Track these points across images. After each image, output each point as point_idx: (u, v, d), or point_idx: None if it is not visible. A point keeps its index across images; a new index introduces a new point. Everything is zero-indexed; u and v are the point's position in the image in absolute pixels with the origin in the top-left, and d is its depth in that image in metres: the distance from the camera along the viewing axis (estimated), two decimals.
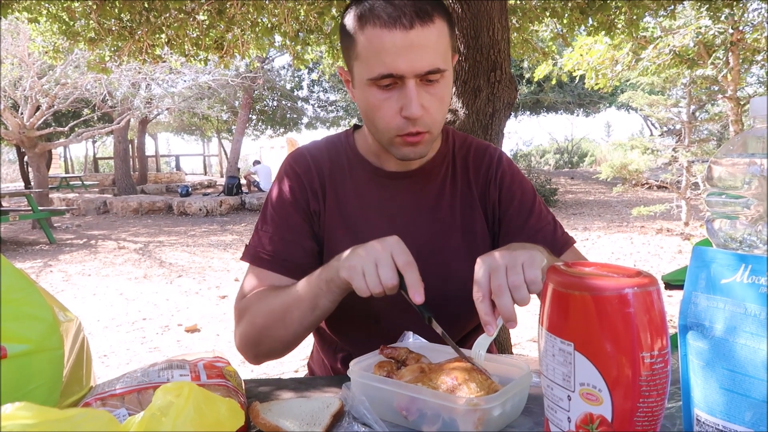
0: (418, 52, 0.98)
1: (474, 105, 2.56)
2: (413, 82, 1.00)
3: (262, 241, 1.19)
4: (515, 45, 5.03)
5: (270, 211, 1.22)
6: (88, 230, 11.73)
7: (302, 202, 1.21)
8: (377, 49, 0.99)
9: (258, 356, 1.16)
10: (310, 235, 1.20)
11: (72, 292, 6.33)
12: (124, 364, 4.09)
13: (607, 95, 17.67)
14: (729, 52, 8.00)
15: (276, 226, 1.19)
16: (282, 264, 1.16)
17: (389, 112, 1.04)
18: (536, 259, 0.88)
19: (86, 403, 0.82)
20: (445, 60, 1.03)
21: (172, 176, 23.68)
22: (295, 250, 1.17)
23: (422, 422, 0.82)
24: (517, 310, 0.88)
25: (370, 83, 1.03)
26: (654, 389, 0.54)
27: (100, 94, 14.16)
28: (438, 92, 1.04)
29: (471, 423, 0.77)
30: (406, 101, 1.01)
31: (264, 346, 1.13)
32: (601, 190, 16.34)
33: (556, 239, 1.21)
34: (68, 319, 0.89)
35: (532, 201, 1.24)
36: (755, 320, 0.55)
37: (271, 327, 1.09)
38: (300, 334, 1.10)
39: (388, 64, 0.99)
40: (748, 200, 0.62)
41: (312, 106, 22.85)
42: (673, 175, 10.00)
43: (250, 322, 1.12)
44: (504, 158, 1.27)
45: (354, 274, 0.93)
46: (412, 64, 0.99)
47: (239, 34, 4.56)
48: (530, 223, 1.21)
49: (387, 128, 1.06)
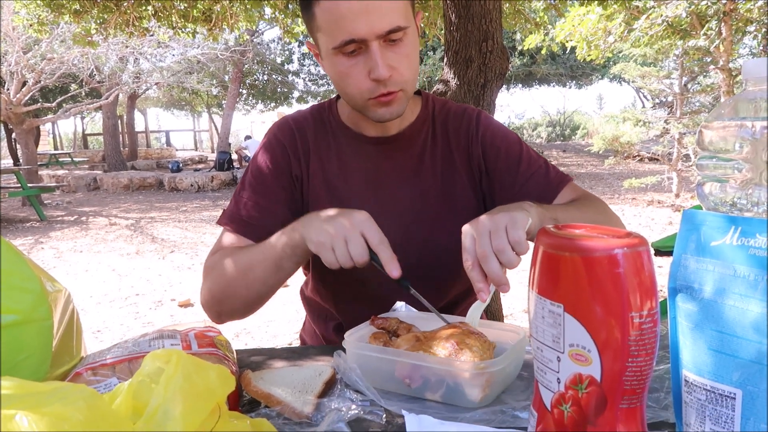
0: (376, 13, 0.98)
1: (466, 75, 2.54)
2: (376, 44, 1.00)
3: (238, 206, 1.20)
4: (507, 16, 4.99)
5: (249, 178, 1.22)
6: (79, 207, 11.67)
7: (284, 168, 1.21)
8: (335, 17, 1.00)
9: (221, 314, 1.16)
10: (288, 203, 1.21)
11: (64, 269, 6.32)
12: (117, 339, 4.10)
13: (599, 67, 17.58)
14: (722, 22, 7.95)
15: (253, 191, 1.20)
16: (253, 230, 1.16)
17: (358, 77, 1.04)
18: (518, 219, 0.89)
19: (77, 373, 0.82)
20: (406, 17, 1.03)
21: (162, 152, 23.51)
22: (269, 216, 1.18)
23: (426, 389, 0.83)
24: (509, 278, 0.88)
25: (335, 52, 1.03)
26: (643, 349, 0.54)
27: (87, 69, 13.93)
28: (403, 50, 1.04)
29: (478, 386, 0.78)
30: (372, 64, 1.01)
31: (226, 304, 1.13)
32: (593, 163, 16.36)
33: (550, 180, 1.21)
34: (56, 290, 0.88)
35: (518, 149, 1.23)
36: (744, 282, 0.55)
37: (234, 285, 1.10)
38: (263, 294, 1.11)
39: (349, 30, 0.99)
40: (738, 163, 0.62)
41: (303, 80, 22.64)
42: (665, 147, 10.03)
43: (214, 280, 1.13)
44: (483, 115, 1.27)
45: (322, 249, 0.94)
46: (372, 26, 0.99)
47: (228, 6, 4.49)
48: (521, 170, 1.20)
49: (359, 93, 1.06)
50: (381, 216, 1.16)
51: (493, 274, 0.86)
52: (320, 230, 0.95)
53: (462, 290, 1.28)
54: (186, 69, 17.32)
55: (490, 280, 0.87)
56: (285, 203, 1.20)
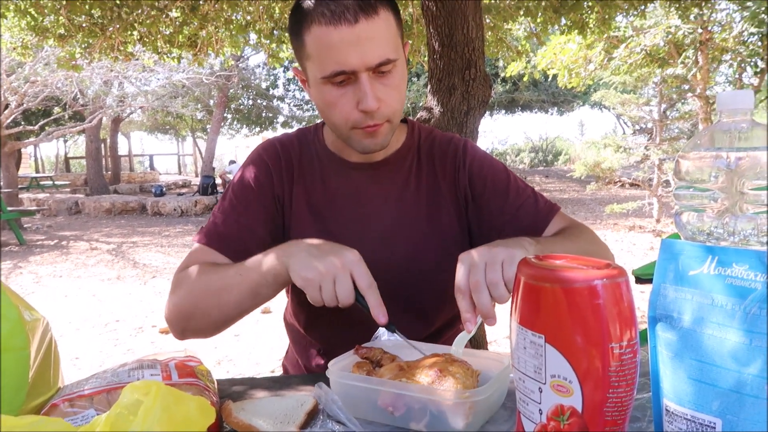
0: (367, 45, 0.98)
1: (449, 103, 2.57)
2: (366, 76, 1.00)
3: (216, 222, 1.18)
4: (490, 44, 5.07)
5: (230, 194, 1.21)
6: (60, 231, 11.53)
7: (267, 187, 1.20)
8: (326, 47, 0.99)
9: (185, 331, 1.11)
10: (267, 222, 1.19)
11: (43, 294, 6.21)
12: (96, 367, 4.03)
13: (580, 94, 17.86)
14: (698, 51, 8.15)
15: (232, 208, 1.18)
16: (229, 246, 1.14)
17: (346, 107, 1.04)
18: (516, 257, 0.88)
19: (53, 404, 0.80)
20: (396, 49, 1.03)
21: (146, 176, 23.36)
22: (246, 234, 1.16)
23: (409, 417, 0.82)
24: (496, 308, 0.88)
25: (324, 81, 1.03)
26: (623, 380, 0.54)
27: (71, 92, 13.90)
28: (392, 82, 1.04)
29: (461, 415, 0.77)
30: (361, 95, 1.01)
31: (194, 322, 1.08)
32: (576, 188, 16.53)
33: (539, 209, 1.20)
34: (34, 319, 0.87)
35: (506, 179, 1.23)
36: (722, 311, 0.56)
37: (206, 304, 1.06)
38: (233, 317, 1.07)
39: (339, 61, 0.99)
40: (714, 193, 0.63)
41: (288, 105, 22.74)
42: (645, 173, 10.16)
43: (184, 295, 1.08)
44: (469, 145, 1.27)
45: (309, 286, 0.93)
46: (363, 58, 0.98)
47: (213, 32, 4.51)
48: (510, 199, 1.20)
49: (345, 123, 1.06)
50: (363, 239, 1.16)
51: (482, 307, 0.86)
52: (308, 266, 0.93)
53: (447, 318, 1.27)
54: (171, 93, 17.33)
55: (478, 311, 0.87)
56: (264, 222, 1.19)
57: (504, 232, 1.16)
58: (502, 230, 1.17)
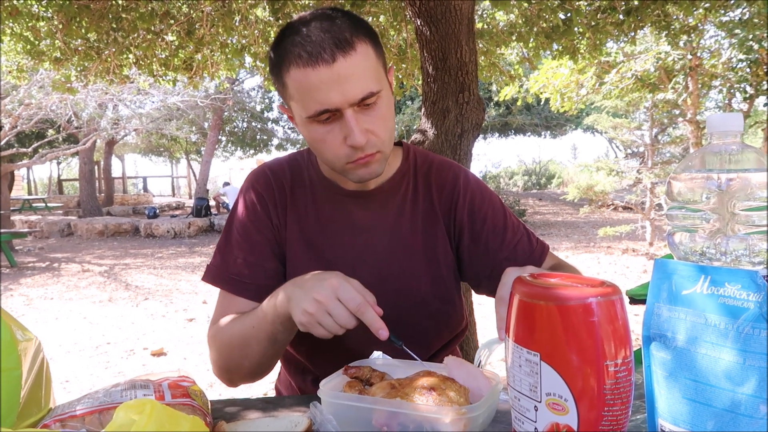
0: (347, 82, 0.96)
1: (443, 126, 2.59)
2: (350, 112, 0.99)
3: (227, 263, 1.19)
4: (483, 68, 5.12)
5: (235, 234, 1.21)
6: (51, 253, 11.45)
7: (265, 219, 1.21)
8: (306, 89, 0.98)
9: (232, 381, 1.18)
10: (274, 254, 1.20)
11: (33, 317, 6.15)
12: (86, 390, 3.97)
13: (572, 118, 18.03)
14: (688, 77, 8.26)
15: (239, 247, 1.19)
16: (247, 287, 1.16)
17: (334, 143, 1.03)
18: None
19: (45, 425, 0.79)
20: (378, 80, 1.02)
21: (139, 198, 23.32)
22: (259, 272, 1.17)
23: None
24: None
25: (310, 120, 1.02)
26: (618, 398, 0.54)
27: (65, 115, 13.91)
28: (378, 113, 1.02)
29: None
30: (347, 131, 1.00)
31: (234, 373, 1.16)
32: (569, 211, 16.60)
33: (534, 249, 1.22)
34: (26, 339, 0.86)
35: (503, 217, 1.24)
36: (715, 330, 0.56)
37: (235, 358, 1.11)
38: (264, 363, 1.12)
39: (321, 101, 0.98)
40: (706, 214, 0.64)
41: (282, 128, 22.81)
42: (638, 197, 10.23)
43: (218, 352, 1.15)
44: (471, 177, 1.27)
45: (311, 328, 0.95)
46: (344, 95, 0.97)
47: (209, 55, 4.55)
48: (507, 237, 1.21)
49: (336, 158, 1.05)
50: (358, 266, 1.16)
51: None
52: (301, 311, 0.94)
53: (444, 344, 1.27)
54: (165, 116, 17.37)
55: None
56: (272, 255, 1.20)
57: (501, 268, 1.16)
58: (499, 266, 1.16)
